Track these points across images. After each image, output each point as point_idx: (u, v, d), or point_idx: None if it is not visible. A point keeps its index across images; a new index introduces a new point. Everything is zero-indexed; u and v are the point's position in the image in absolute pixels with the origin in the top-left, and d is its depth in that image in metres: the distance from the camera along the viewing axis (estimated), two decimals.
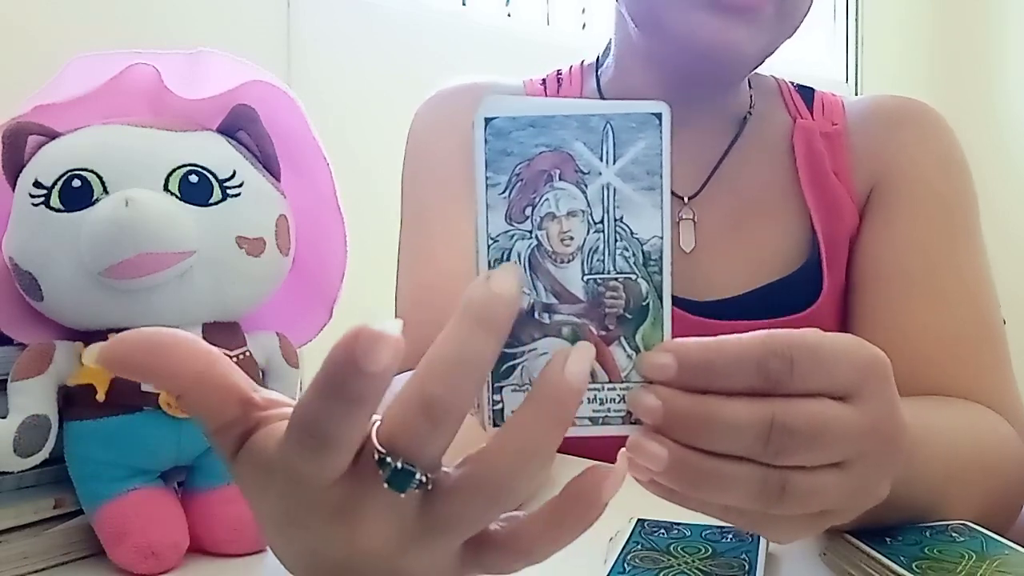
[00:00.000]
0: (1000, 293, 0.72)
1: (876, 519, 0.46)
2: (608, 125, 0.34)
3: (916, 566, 0.43)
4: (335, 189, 0.58)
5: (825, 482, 0.34)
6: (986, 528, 0.49)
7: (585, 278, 0.34)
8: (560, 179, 0.34)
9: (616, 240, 0.34)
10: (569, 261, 0.34)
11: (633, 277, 0.34)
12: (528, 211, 0.34)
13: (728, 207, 0.74)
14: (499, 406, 0.34)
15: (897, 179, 0.73)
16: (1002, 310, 0.71)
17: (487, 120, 0.34)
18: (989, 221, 0.75)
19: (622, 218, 0.34)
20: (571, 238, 0.34)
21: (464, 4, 2.08)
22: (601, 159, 0.34)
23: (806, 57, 2.80)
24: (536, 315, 0.34)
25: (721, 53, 0.65)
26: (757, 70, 0.78)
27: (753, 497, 0.34)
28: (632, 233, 0.34)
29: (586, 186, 0.34)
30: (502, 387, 0.34)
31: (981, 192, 0.75)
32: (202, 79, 0.54)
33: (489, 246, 0.34)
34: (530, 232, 0.34)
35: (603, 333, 0.34)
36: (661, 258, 0.34)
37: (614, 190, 0.34)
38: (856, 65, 3.04)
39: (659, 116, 0.34)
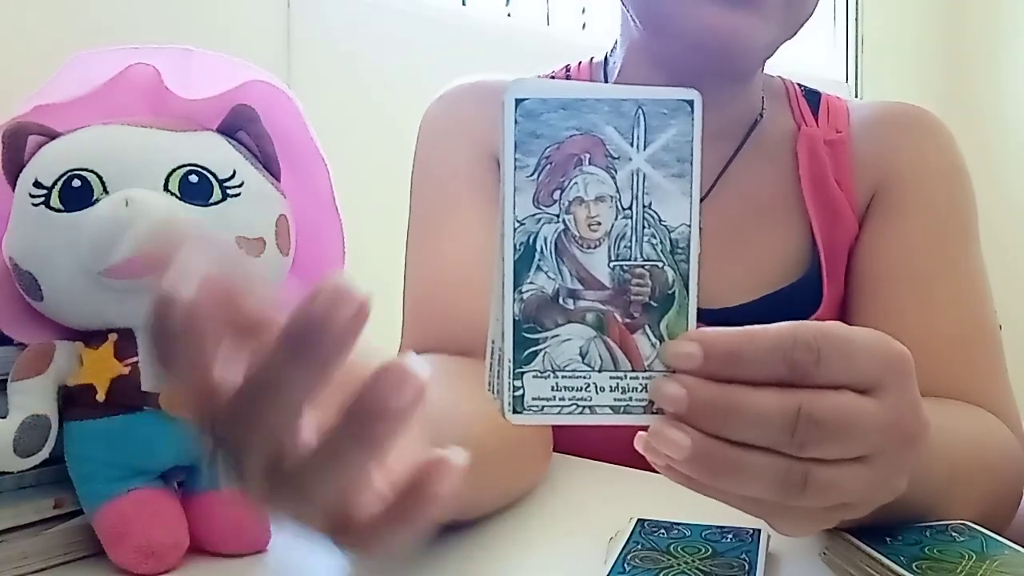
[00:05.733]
0: (999, 297, 0.72)
1: (877, 519, 0.47)
2: (640, 110, 0.33)
3: (916, 566, 0.43)
4: (333, 190, 0.58)
5: (847, 475, 0.34)
6: (986, 528, 0.49)
7: (611, 264, 0.34)
8: (590, 163, 0.34)
9: (644, 227, 0.34)
10: (596, 247, 0.34)
11: (660, 265, 0.34)
12: (556, 195, 0.34)
13: (731, 215, 0.74)
14: (519, 392, 0.34)
15: (898, 185, 0.73)
16: (999, 315, 0.71)
17: (518, 101, 0.33)
18: (987, 222, 0.75)
19: (651, 205, 0.34)
20: (599, 223, 0.34)
21: (464, 4, 2.08)
22: (632, 144, 0.34)
23: (806, 57, 2.80)
24: (560, 301, 0.34)
25: (730, 44, 0.65)
26: (764, 70, 0.78)
27: (775, 488, 0.34)
28: (660, 220, 0.34)
29: (616, 171, 0.34)
30: (523, 373, 0.34)
31: (979, 193, 0.75)
32: (196, 75, 0.54)
33: (515, 229, 0.34)
34: (557, 216, 0.34)
35: (627, 321, 0.34)
36: (688, 246, 0.34)
37: (644, 176, 0.34)
38: (856, 65, 3.04)
39: (691, 103, 0.34)
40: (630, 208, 0.34)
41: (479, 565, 0.51)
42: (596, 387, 0.34)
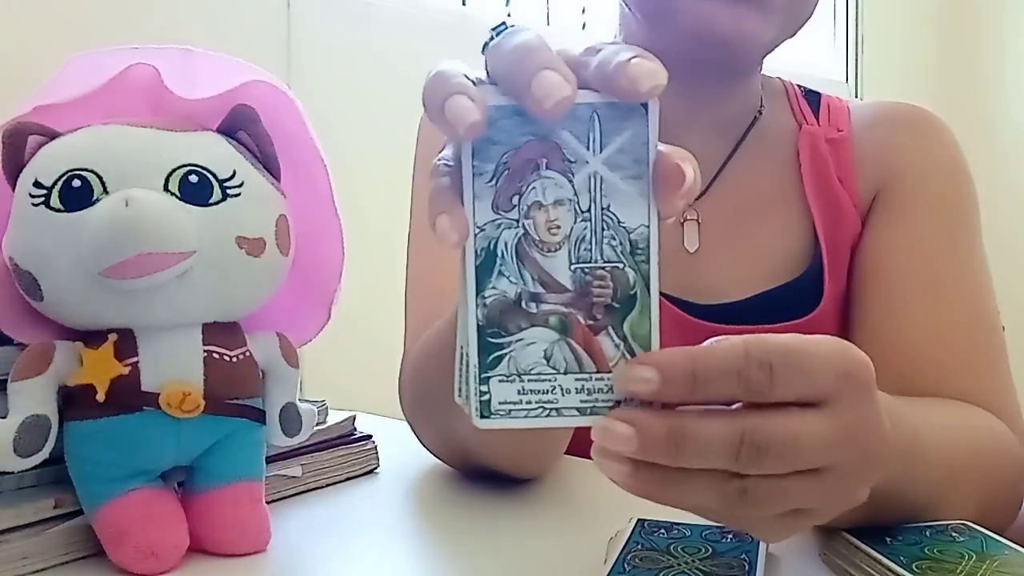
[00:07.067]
0: (999, 298, 0.72)
1: (876, 519, 0.47)
2: (595, 114, 0.34)
3: (916, 566, 0.43)
4: (332, 190, 0.58)
5: (789, 487, 0.34)
6: (986, 528, 0.49)
7: (572, 267, 0.34)
8: (547, 168, 0.34)
9: (603, 229, 0.34)
10: (556, 250, 0.34)
11: (620, 266, 0.34)
12: (515, 200, 0.34)
13: (732, 210, 0.74)
14: (486, 397, 0.34)
15: (901, 184, 0.73)
16: (1001, 315, 0.71)
17: None
18: (987, 222, 0.75)
19: (609, 207, 0.34)
20: (558, 227, 0.34)
21: (464, 4, 2.08)
22: (588, 148, 0.34)
23: (806, 57, 2.80)
24: (523, 305, 0.34)
25: (733, 40, 0.65)
26: (763, 71, 0.78)
27: (714, 499, 0.35)
28: (619, 222, 0.34)
29: (573, 175, 0.34)
30: (489, 378, 0.34)
31: (979, 193, 0.75)
32: (196, 75, 0.54)
33: (476, 235, 0.34)
34: (517, 221, 0.34)
35: (591, 322, 0.34)
36: (648, 247, 0.34)
37: (601, 179, 0.34)
38: (856, 65, 3.04)
39: (645, 106, 0.34)
40: (589, 211, 0.34)
41: (479, 565, 0.51)
42: (562, 389, 0.34)
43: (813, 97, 0.80)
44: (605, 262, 0.34)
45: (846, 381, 0.35)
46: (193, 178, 0.49)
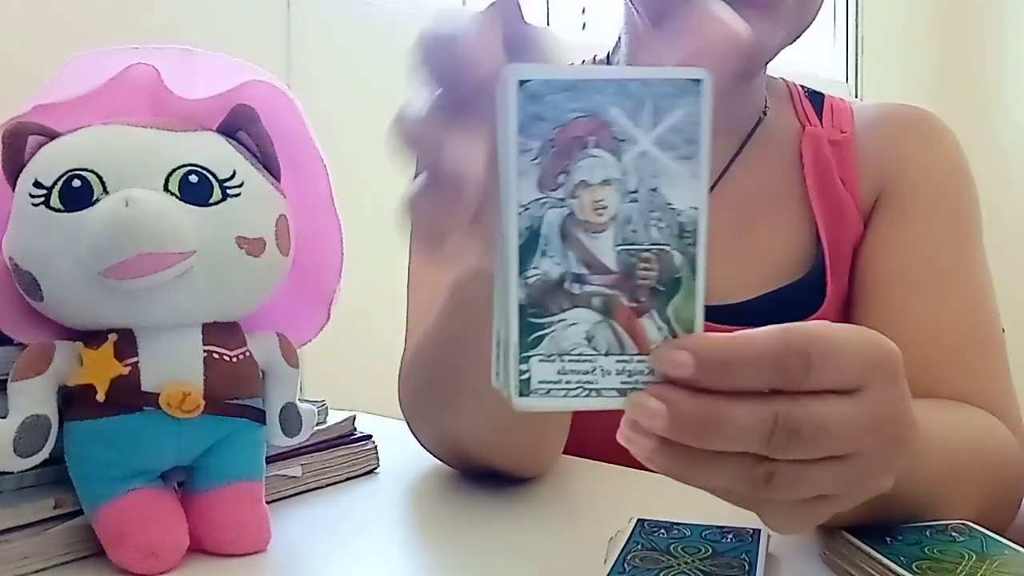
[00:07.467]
0: (999, 299, 0.72)
1: (875, 518, 0.47)
2: (647, 91, 0.33)
3: (916, 566, 0.43)
4: (332, 190, 0.58)
5: (818, 472, 0.35)
6: (986, 528, 0.49)
7: (618, 248, 0.33)
8: (595, 146, 0.33)
9: (651, 210, 0.33)
10: (602, 231, 0.33)
11: (667, 248, 0.33)
12: (561, 178, 0.33)
13: (735, 210, 0.74)
14: (526, 376, 0.34)
15: (903, 186, 0.73)
16: (1001, 316, 0.71)
17: (521, 82, 0.32)
18: (987, 222, 0.75)
19: (658, 188, 0.33)
20: (604, 207, 0.33)
21: (464, 4, 2.08)
22: (639, 126, 0.33)
23: (806, 57, 2.80)
24: (566, 285, 0.33)
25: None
26: (766, 71, 0.78)
27: (738, 481, 0.34)
28: (668, 203, 0.33)
29: (622, 154, 0.33)
30: (530, 357, 0.34)
31: (979, 194, 0.75)
32: (196, 75, 0.54)
33: (520, 214, 0.33)
34: (562, 200, 0.33)
35: (634, 305, 0.34)
36: (696, 230, 0.33)
37: (651, 159, 0.33)
38: (856, 65, 3.04)
39: (699, 82, 0.33)
40: (636, 191, 0.33)
41: (479, 565, 0.51)
42: (602, 371, 0.34)
43: (816, 98, 0.80)
44: (651, 244, 0.33)
45: (875, 369, 0.35)
46: (193, 178, 0.49)
